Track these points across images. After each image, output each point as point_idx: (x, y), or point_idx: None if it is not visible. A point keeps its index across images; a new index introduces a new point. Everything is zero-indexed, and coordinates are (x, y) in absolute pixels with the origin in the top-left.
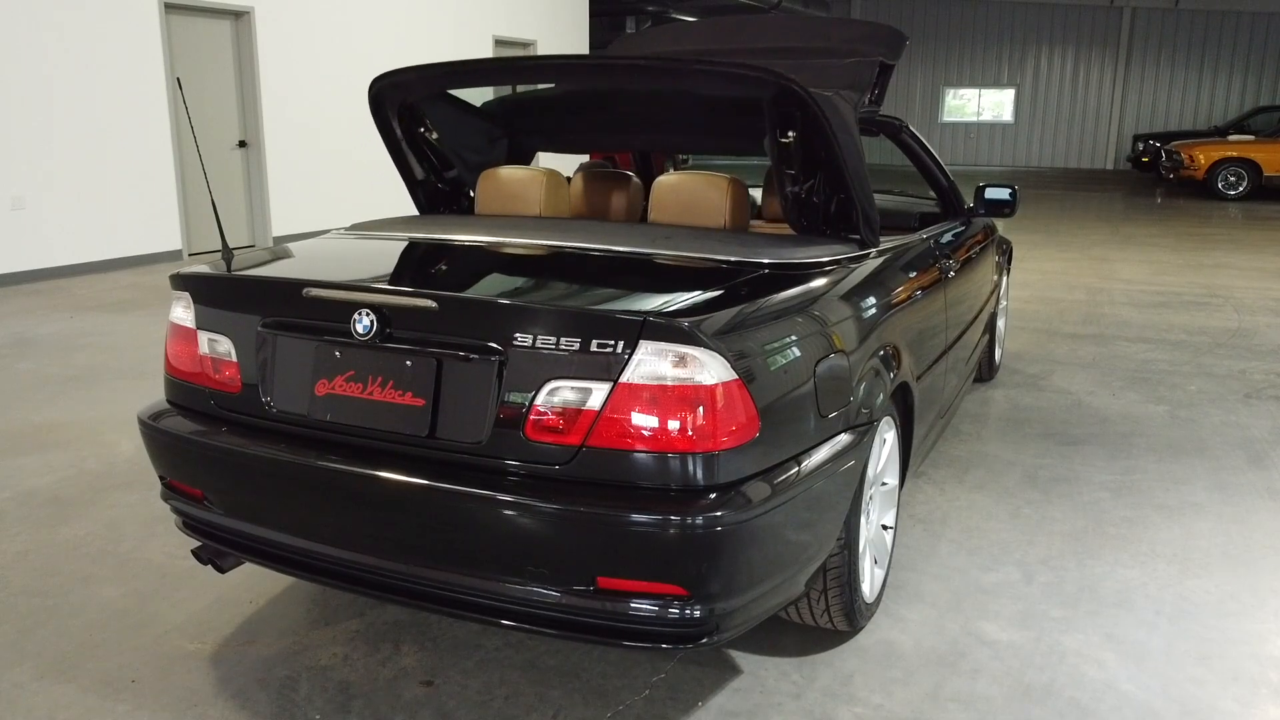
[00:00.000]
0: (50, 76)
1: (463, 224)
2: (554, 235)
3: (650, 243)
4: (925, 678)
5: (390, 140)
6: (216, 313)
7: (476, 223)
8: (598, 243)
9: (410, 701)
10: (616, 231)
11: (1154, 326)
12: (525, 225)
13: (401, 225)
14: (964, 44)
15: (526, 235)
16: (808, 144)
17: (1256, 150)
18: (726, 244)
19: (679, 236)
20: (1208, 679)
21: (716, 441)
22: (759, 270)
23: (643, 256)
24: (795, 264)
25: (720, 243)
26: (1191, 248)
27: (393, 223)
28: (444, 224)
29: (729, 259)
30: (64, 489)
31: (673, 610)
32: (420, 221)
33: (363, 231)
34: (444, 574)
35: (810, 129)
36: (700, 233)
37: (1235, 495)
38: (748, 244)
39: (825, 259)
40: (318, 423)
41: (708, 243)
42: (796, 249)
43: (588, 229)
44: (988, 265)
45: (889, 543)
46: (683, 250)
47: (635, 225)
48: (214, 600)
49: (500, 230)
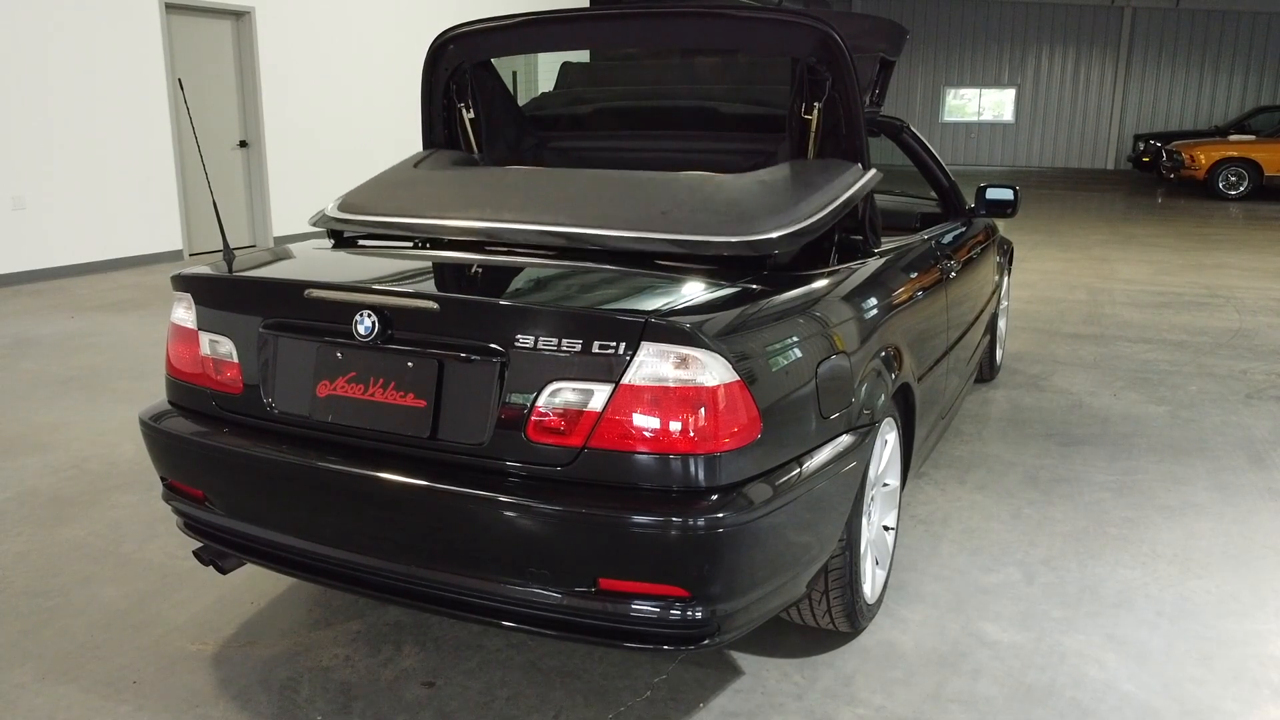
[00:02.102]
0: (51, 76)
1: (450, 187)
2: (544, 200)
3: (648, 207)
4: (926, 678)
5: (428, 106)
6: (218, 314)
7: (467, 184)
8: (587, 207)
9: (411, 702)
10: (613, 194)
11: (1155, 327)
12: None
13: (389, 191)
14: (964, 44)
15: (516, 199)
16: (831, 112)
17: (1257, 150)
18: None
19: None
20: (1209, 679)
21: (718, 443)
22: (768, 245)
23: (640, 239)
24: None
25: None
26: (1192, 248)
27: (381, 189)
28: (429, 189)
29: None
30: (65, 489)
31: (674, 611)
32: (404, 189)
33: (352, 211)
34: (445, 575)
35: (839, 90)
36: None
37: (1236, 496)
38: (748, 215)
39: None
40: (319, 424)
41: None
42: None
43: (577, 191)
44: (989, 266)
45: (890, 543)
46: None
47: (634, 185)
48: (215, 601)
49: (488, 192)
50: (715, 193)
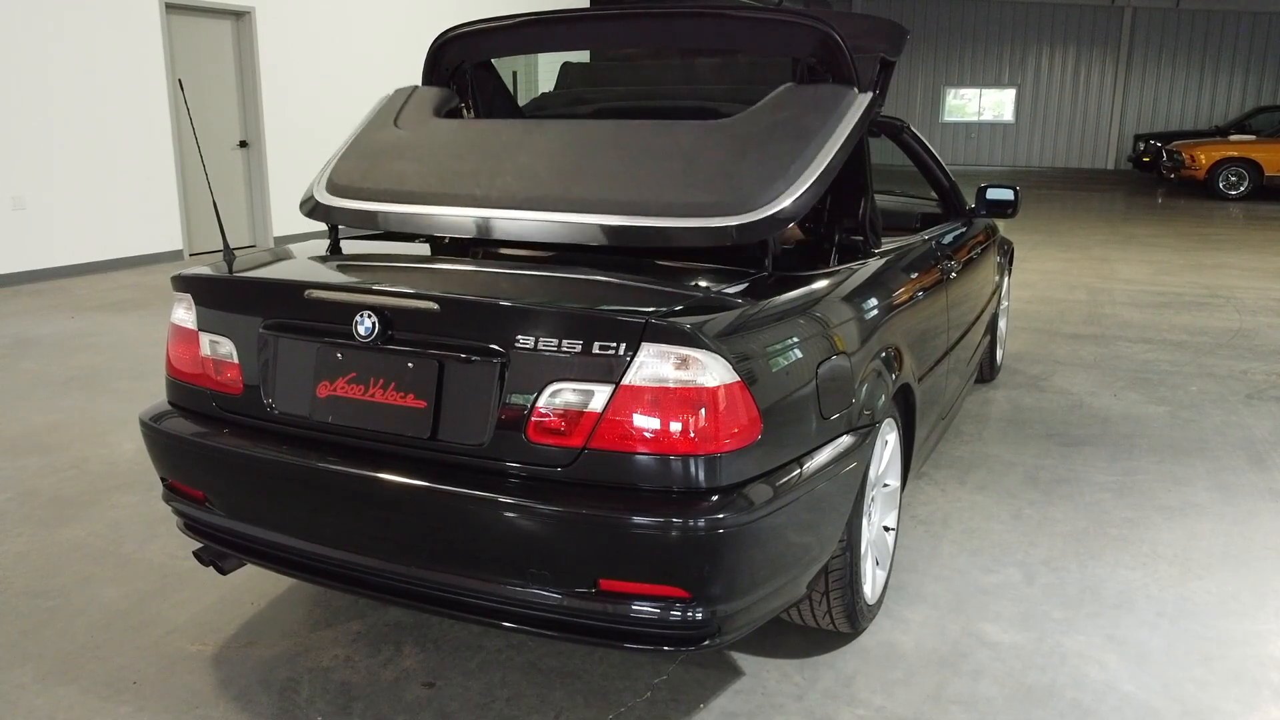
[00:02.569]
0: (51, 76)
1: (432, 161)
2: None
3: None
4: (927, 679)
5: None
6: (218, 314)
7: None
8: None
9: (412, 703)
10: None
11: (1155, 327)
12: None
13: (374, 164)
14: (964, 44)
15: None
16: None
17: (1258, 150)
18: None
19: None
20: (1209, 680)
21: (719, 443)
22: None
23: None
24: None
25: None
26: (1192, 248)
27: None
28: (412, 165)
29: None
30: (65, 490)
31: (675, 612)
32: (387, 160)
33: (343, 195)
34: (445, 576)
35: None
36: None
37: (1237, 496)
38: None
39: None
40: (319, 424)
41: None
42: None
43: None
44: (989, 266)
45: (890, 544)
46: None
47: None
48: (215, 601)
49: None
50: (697, 157)
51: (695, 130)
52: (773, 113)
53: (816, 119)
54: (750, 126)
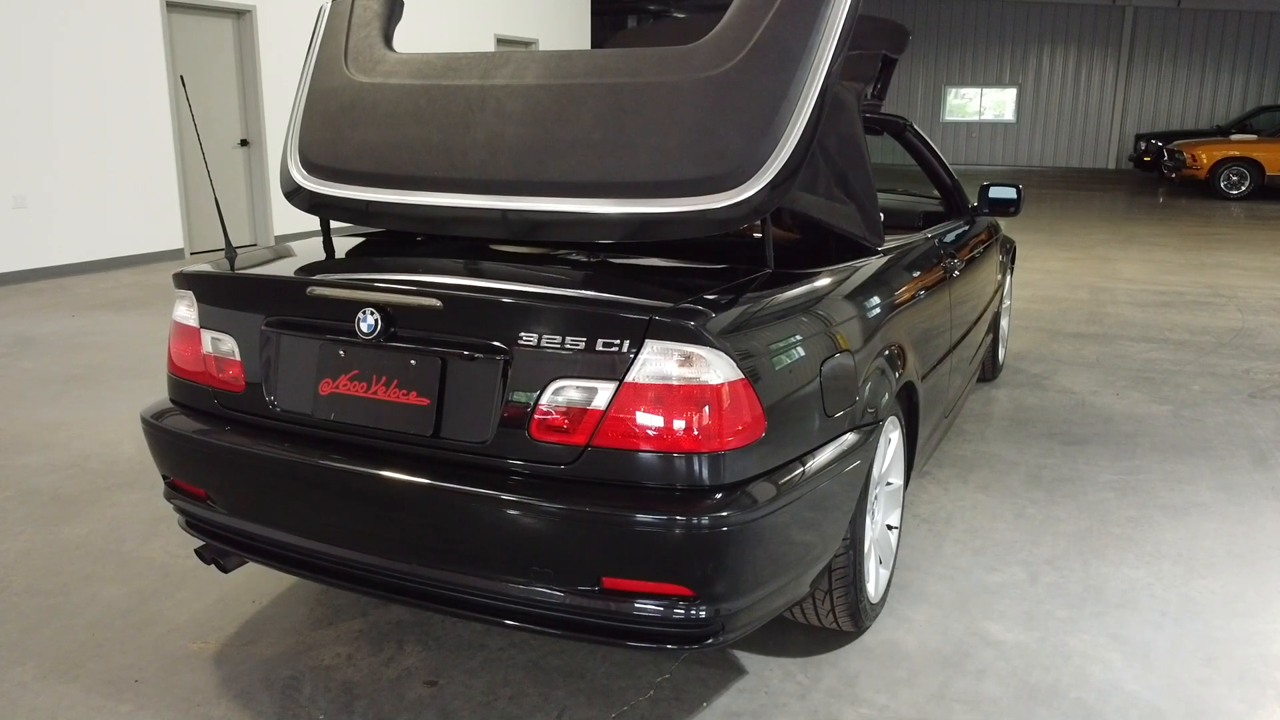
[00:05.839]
0: (52, 75)
1: (399, 129)
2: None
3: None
4: (930, 678)
5: None
6: (220, 311)
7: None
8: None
9: (414, 702)
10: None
11: (1157, 326)
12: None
13: (341, 132)
14: (965, 43)
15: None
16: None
17: (1259, 150)
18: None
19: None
20: (1214, 679)
21: (722, 441)
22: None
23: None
24: None
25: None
26: (1194, 247)
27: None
28: (381, 131)
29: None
30: (66, 488)
31: (678, 610)
32: (353, 122)
33: (330, 181)
34: (448, 574)
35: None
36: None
37: (1240, 495)
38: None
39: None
40: (321, 422)
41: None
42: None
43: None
44: (991, 265)
45: (894, 543)
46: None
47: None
48: (217, 600)
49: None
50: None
51: (669, 64)
52: (742, 21)
53: (795, 31)
54: (722, 54)
